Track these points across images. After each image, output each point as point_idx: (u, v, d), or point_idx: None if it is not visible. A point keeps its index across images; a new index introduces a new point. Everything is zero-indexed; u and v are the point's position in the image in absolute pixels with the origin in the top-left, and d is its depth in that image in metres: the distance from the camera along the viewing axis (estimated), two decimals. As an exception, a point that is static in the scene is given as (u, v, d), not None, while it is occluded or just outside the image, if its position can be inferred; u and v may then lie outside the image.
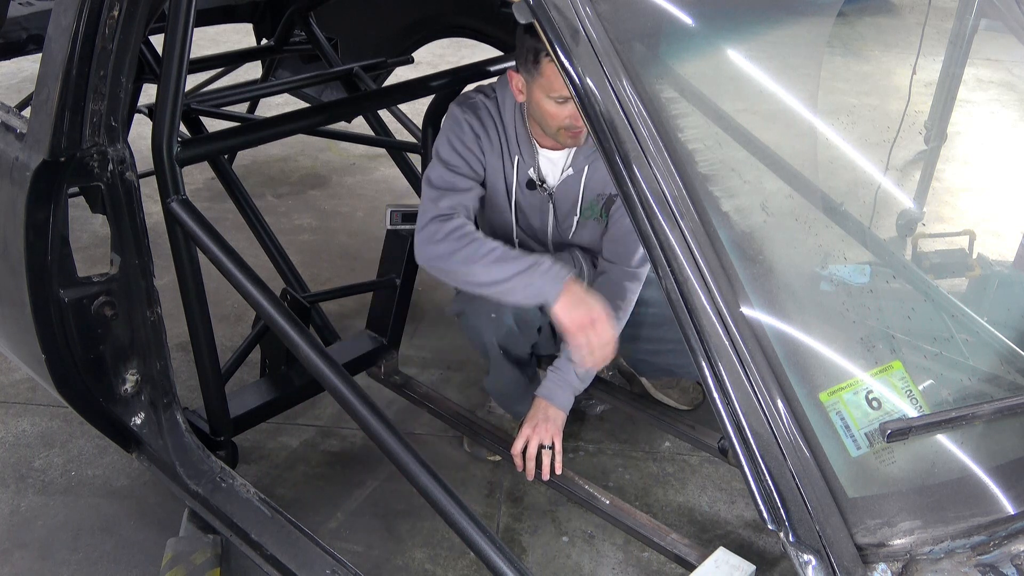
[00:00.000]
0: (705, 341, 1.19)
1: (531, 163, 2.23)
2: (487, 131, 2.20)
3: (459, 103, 2.23)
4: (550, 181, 2.26)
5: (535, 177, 2.25)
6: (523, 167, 2.23)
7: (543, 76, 2.00)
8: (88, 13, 1.62)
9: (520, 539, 2.27)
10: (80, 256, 2.16)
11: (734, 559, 1.80)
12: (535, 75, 2.02)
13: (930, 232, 2.63)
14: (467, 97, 2.25)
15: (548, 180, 2.26)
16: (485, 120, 2.20)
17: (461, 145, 2.19)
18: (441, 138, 2.22)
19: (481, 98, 2.23)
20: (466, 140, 2.19)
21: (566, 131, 2.10)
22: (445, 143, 2.20)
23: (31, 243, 1.73)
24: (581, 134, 2.12)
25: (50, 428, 2.57)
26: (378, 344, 2.61)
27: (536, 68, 2.00)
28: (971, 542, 1.19)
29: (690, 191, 1.24)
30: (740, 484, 2.42)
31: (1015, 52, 2.00)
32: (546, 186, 2.26)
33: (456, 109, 2.22)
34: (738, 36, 1.67)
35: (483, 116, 2.20)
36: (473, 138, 2.19)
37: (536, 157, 2.23)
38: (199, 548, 2.03)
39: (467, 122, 2.19)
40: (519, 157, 2.22)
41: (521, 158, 2.22)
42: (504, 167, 2.24)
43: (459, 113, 2.20)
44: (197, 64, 3.65)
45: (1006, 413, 1.33)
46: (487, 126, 2.20)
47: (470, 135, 2.19)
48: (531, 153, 2.22)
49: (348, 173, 4.38)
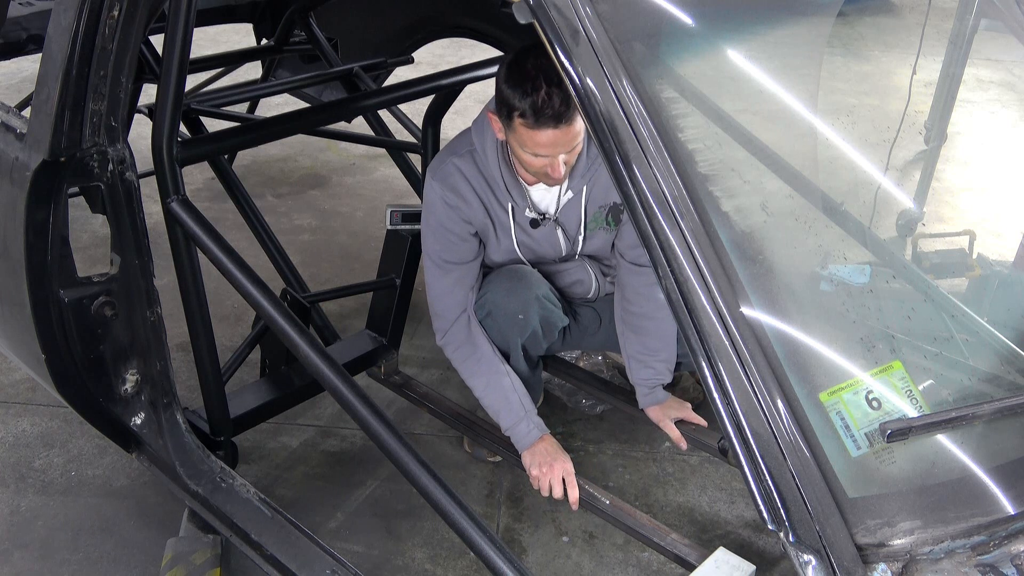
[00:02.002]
0: (705, 341, 1.19)
1: (524, 204, 2.19)
2: (465, 199, 2.16)
3: (431, 174, 2.19)
4: (551, 210, 2.24)
5: (536, 215, 2.22)
6: (519, 211, 2.20)
7: (516, 132, 1.97)
8: (88, 13, 1.62)
9: (520, 539, 2.27)
10: (80, 256, 2.16)
11: (734, 559, 1.80)
12: (509, 128, 1.99)
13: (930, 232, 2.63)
14: (440, 163, 2.19)
15: (550, 210, 2.24)
16: (461, 188, 2.15)
17: (441, 228, 2.18)
18: (423, 225, 2.23)
19: (454, 161, 2.16)
20: (445, 222, 2.17)
21: (544, 176, 2.07)
22: (428, 233, 2.22)
23: (31, 243, 1.73)
24: (561, 177, 2.05)
25: (50, 428, 2.57)
26: (378, 344, 2.61)
27: (509, 123, 1.97)
28: (971, 542, 1.19)
29: (690, 191, 1.24)
30: (740, 484, 2.42)
31: (1015, 52, 2.00)
32: (548, 217, 2.24)
33: (430, 186, 2.18)
34: (738, 36, 1.67)
35: (457, 183, 2.15)
36: (453, 213, 2.16)
37: (528, 197, 2.20)
38: (199, 548, 2.03)
39: (442, 199, 2.16)
40: (511, 203, 2.19)
41: (515, 203, 2.19)
42: (497, 219, 2.21)
43: (432, 193, 2.17)
44: (197, 64, 3.65)
45: (1006, 413, 1.33)
46: (464, 194, 2.15)
47: (447, 213, 2.16)
48: (522, 195, 2.18)
49: (348, 173, 4.38)
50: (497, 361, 2.22)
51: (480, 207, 2.18)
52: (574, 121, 1.92)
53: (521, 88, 1.89)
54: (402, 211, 2.55)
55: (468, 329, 2.23)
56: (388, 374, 2.62)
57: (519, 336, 2.25)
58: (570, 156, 2.02)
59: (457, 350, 2.24)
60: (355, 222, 3.90)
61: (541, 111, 1.88)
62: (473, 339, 2.23)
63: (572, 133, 1.95)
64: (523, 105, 1.89)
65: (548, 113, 1.89)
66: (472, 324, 2.23)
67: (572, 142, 1.98)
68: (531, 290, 2.20)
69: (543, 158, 1.99)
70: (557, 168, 2.00)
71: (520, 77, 1.90)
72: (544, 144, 1.95)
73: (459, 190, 2.15)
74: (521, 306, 2.20)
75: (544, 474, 2.14)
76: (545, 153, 1.97)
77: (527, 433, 2.19)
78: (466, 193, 2.16)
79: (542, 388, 2.65)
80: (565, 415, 2.72)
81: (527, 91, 1.88)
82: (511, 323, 2.22)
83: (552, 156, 1.98)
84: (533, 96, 1.88)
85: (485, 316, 2.26)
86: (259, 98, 4.14)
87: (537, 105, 1.88)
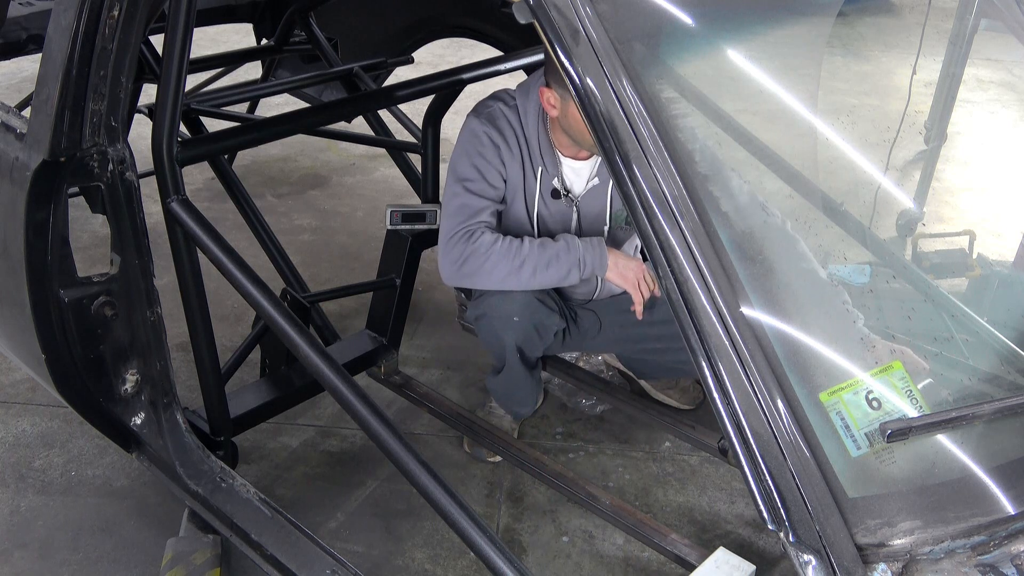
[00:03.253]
0: (705, 341, 1.19)
1: (554, 173, 2.21)
2: (507, 141, 2.16)
3: (476, 113, 2.19)
4: (575, 190, 2.25)
5: (560, 187, 2.23)
6: (547, 177, 2.21)
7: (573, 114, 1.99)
8: (88, 13, 1.62)
9: (520, 539, 2.27)
10: (80, 256, 2.16)
11: (734, 559, 1.80)
12: (565, 106, 2.01)
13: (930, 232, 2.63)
14: (485, 106, 2.20)
15: (574, 189, 2.25)
16: (505, 130, 2.16)
17: (480, 158, 2.15)
18: (458, 152, 2.18)
19: (500, 106, 2.18)
20: (485, 153, 2.15)
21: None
22: (463, 158, 2.16)
23: (31, 243, 1.73)
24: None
25: (50, 428, 2.57)
26: (378, 344, 2.61)
27: (567, 103, 1.99)
28: (971, 542, 1.19)
29: (690, 191, 1.24)
30: (740, 484, 2.42)
31: (1015, 52, 2.00)
32: (571, 195, 2.25)
33: (474, 121, 2.17)
34: (738, 36, 1.67)
35: (502, 126, 2.16)
36: (493, 150, 2.15)
37: (559, 167, 2.21)
38: (199, 548, 2.03)
39: (486, 134, 2.15)
40: (542, 168, 2.19)
41: (544, 168, 2.19)
42: (526, 177, 2.21)
43: (477, 125, 2.16)
44: (197, 64, 3.65)
45: (1006, 413, 1.32)
46: (507, 136, 2.16)
47: (489, 147, 2.15)
48: (554, 163, 2.20)
49: (348, 173, 4.38)
50: (515, 239, 2.13)
51: (518, 154, 2.18)
52: None
53: None
54: (402, 211, 2.55)
55: (482, 231, 2.12)
56: (388, 374, 2.62)
57: (514, 339, 2.24)
58: None
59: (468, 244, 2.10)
60: (355, 222, 3.90)
61: None
62: (484, 235, 2.11)
63: None
64: None
65: None
66: (487, 231, 2.13)
67: None
68: (526, 292, 2.20)
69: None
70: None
71: None
72: None
73: (503, 132, 2.16)
74: (516, 308, 2.19)
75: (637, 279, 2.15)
76: None
77: (597, 254, 2.13)
78: (509, 137, 2.17)
79: (542, 388, 2.65)
80: (565, 415, 2.72)
81: None
82: (505, 325, 2.22)
83: None
84: None
85: (478, 318, 2.26)
86: (259, 98, 4.14)
87: None
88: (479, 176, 2.15)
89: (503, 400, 2.52)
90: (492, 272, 2.10)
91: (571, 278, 2.14)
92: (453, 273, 2.14)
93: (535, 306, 2.21)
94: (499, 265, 2.10)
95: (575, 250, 2.12)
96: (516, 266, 2.10)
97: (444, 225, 2.16)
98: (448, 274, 2.15)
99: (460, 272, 2.12)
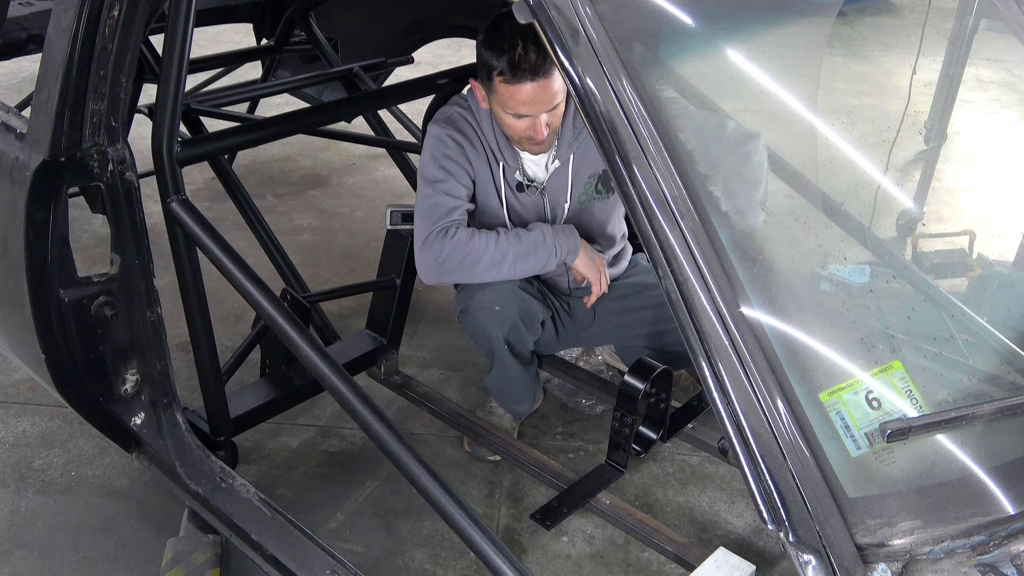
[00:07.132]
0: (705, 341, 1.19)
1: (516, 166, 2.24)
2: (470, 141, 2.20)
3: (436, 121, 2.24)
4: (540, 178, 2.27)
5: (523, 179, 2.26)
6: (509, 172, 2.25)
7: (497, 93, 2.04)
8: (88, 13, 1.62)
9: (520, 539, 2.27)
10: (80, 256, 2.16)
11: (734, 559, 1.80)
12: (490, 90, 2.06)
13: (930, 232, 2.63)
14: (443, 112, 2.25)
15: (538, 177, 2.27)
16: (466, 131, 2.21)
17: (447, 160, 2.18)
18: (425, 158, 2.22)
19: (456, 110, 2.23)
20: (451, 154, 2.19)
21: (528, 140, 2.13)
22: (430, 162, 2.20)
23: (31, 243, 1.73)
24: (544, 142, 2.13)
25: (50, 428, 2.57)
26: (378, 344, 2.61)
27: (490, 85, 2.05)
28: (971, 542, 1.19)
29: (690, 191, 1.24)
30: (740, 484, 2.42)
31: (1015, 52, 2.00)
32: (536, 184, 2.27)
33: (435, 127, 2.22)
34: (738, 36, 1.67)
35: (463, 127, 2.21)
36: (458, 150, 2.19)
37: (519, 160, 2.24)
38: (199, 548, 2.03)
39: (449, 136, 2.19)
40: (503, 163, 2.23)
41: (506, 163, 2.23)
42: (492, 173, 2.25)
43: (439, 130, 2.20)
44: (197, 64, 3.65)
45: (1006, 413, 1.33)
46: (469, 136, 2.21)
47: (455, 148, 2.19)
48: (513, 156, 2.24)
49: (348, 173, 4.38)
50: (491, 232, 2.18)
51: (482, 152, 2.22)
52: (552, 76, 1.99)
53: (499, 47, 1.97)
54: (402, 211, 2.55)
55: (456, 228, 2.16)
56: (388, 374, 2.62)
57: (500, 330, 2.25)
58: (552, 117, 2.08)
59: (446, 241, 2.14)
60: (355, 222, 3.90)
61: (518, 65, 1.96)
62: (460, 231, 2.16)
63: (551, 90, 2.01)
64: (500, 63, 1.97)
65: (525, 67, 1.96)
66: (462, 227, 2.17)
67: (552, 100, 2.04)
68: (507, 282, 2.21)
69: (525, 119, 2.05)
70: (539, 129, 2.07)
71: (497, 38, 1.98)
72: (524, 101, 2.01)
73: (465, 132, 2.20)
74: (496, 296, 2.21)
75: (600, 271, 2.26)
76: (526, 111, 2.04)
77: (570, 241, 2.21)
78: (471, 136, 2.21)
79: (540, 388, 2.65)
80: (565, 415, 2.72)
81: (504, 49, 1.96)
82: (488, 316, 2.23)
83: (534, 115, 2.04)
84: (510, 53, 1.95)
85: (461, 313, 2.28)
86: (259, 98, 4.14)
87: (514, 60, 1.95)
88: (448, 176, 2.19)
89: (501, 398, 2.52)
90: (474, 266, 2.15)
91: (549, 265, 2.20)
92: (434, 271, 2.17)
93: (517, 294, 2.23)
94: (480, 259, 2.14)
95: (549, 238, 2.18)
96: (496, 258, 2.15)
97: (419, 226, 2.19)
98: (428, 272, 2.18)
99: (441, 269, 2.16)
